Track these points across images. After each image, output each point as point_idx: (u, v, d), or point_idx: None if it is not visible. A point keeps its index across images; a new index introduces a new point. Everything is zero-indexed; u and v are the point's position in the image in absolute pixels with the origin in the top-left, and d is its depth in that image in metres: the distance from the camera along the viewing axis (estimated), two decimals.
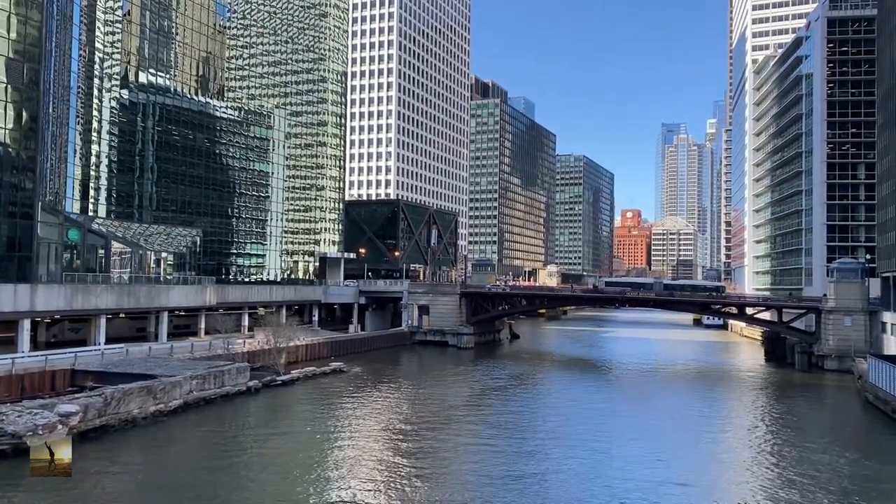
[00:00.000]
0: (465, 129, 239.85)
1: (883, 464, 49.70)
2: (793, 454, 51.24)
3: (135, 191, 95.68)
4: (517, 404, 71.66)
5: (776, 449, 53.34)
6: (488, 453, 49.77)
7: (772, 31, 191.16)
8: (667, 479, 44.24)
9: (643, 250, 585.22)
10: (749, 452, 52.14)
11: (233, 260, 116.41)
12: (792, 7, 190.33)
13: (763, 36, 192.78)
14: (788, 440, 56.41)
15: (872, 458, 50.73)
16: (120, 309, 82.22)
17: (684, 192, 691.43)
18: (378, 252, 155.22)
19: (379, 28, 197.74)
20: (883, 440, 57.42)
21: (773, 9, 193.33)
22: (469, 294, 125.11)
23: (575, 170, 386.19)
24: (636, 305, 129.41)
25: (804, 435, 58.85)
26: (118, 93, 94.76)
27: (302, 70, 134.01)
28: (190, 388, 60.78)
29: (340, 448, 51.12)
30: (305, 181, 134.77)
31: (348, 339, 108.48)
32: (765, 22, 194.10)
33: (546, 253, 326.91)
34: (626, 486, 42.67)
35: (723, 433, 60.00)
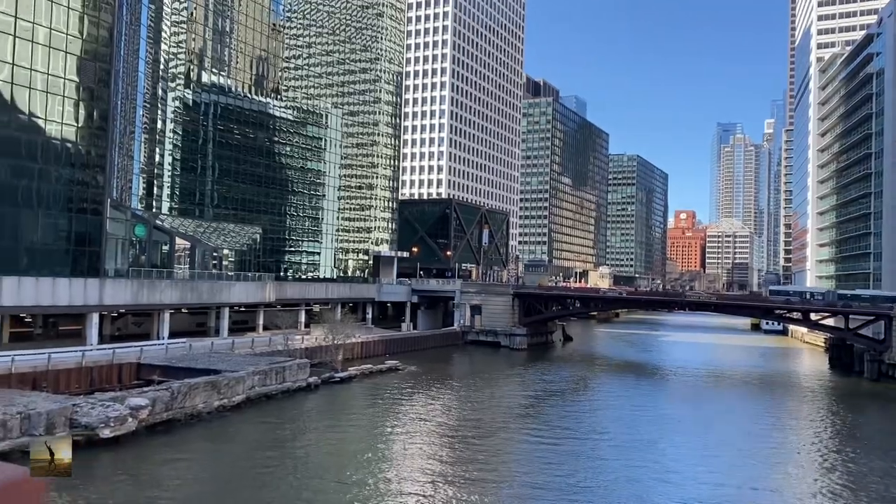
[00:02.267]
0: (516, 129, 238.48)
1: None
2: (868, 469, 49.21)
3: (197, 188, 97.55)
4: (573, 409, 70.68)
5: (848, 462, 51.31)
6: (543, 460, 48.81)
7: (838, 28, 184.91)
8: (729, 493, 42.94)
9: (697, 253, 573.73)
10: (822, 463, 50.31)
11: (289, 257, 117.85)
12: (860, 3, 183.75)
13: (829, 33, 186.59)
14: (861, 453, 54.24)
15: None
16: (183, 304, 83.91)
17: (740, 194, 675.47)
18: (430, 251, 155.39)
19: (433, 28, 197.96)
20: None
21: (840, 5, 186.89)
22: (522, 294, 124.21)
23: (628, 169, 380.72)
24: (695, 309, 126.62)
25: (879, 448, 56.54)
26: (182, 93, 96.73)
27: (358, 70, 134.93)
28: (252, 384, 61.55)
29: (396, 448, 51.03)
30: (359, 180, 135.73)
31: (402, 338, 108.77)
32: (831, 19, 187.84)
33: (596, 254, 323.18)
34: (685, 494, 41.56)
35: (791, 444, 58.07)
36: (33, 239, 66.35)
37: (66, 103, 68.55)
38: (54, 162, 67.68)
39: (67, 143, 68.98)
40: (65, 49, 68.39)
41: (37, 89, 65.99)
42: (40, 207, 66.24)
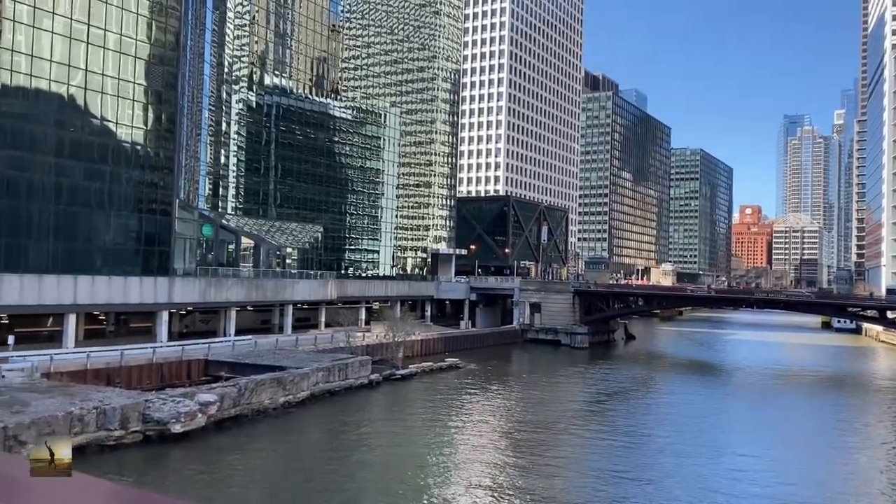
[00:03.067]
0: (575, 124, 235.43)
1: None
2: None
3: (260, 188, 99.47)
4: (639, 409, 69.22)
5: None
6: (609, 462, 47.64)
7: None
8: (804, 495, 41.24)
9: (763, 249, 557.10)
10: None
11: (349, 255, 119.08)
12: None
13: None
14: None
15: None
16: (248, 302, 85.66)
17: (808, 187, 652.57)
18: (488, 249, 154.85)
19: (491, 24, 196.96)
20: None
21: None
22: (583, 292, 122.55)
23: (691, 164, 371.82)
24: (765, 307, 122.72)
25: None
26: (245, 94, 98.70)
27: (415, 68, 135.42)
28: (316, 380, 62.24)
29: (457, 447, 50.67)
30: (417, 178, 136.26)
31: (461, 336, 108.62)
32: None
33: (657, 251, 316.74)
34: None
35: (874, 450, 55.53)
36: (106, 239, 68.64)
37: (135, 107, 70.70)
38: (125, 164, 69.88)
39: (137, 146, 71.14)
40: (134, 54, 70.52)
41: (108, 94, 68.21)
42: (112, 209, 68.48)
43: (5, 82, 61.40)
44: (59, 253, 64.09)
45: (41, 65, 63.58)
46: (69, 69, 65.49)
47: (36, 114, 63.31)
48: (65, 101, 65.90)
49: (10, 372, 51.56)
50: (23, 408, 41.74)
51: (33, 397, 44.62)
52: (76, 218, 65.80)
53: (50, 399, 44.32)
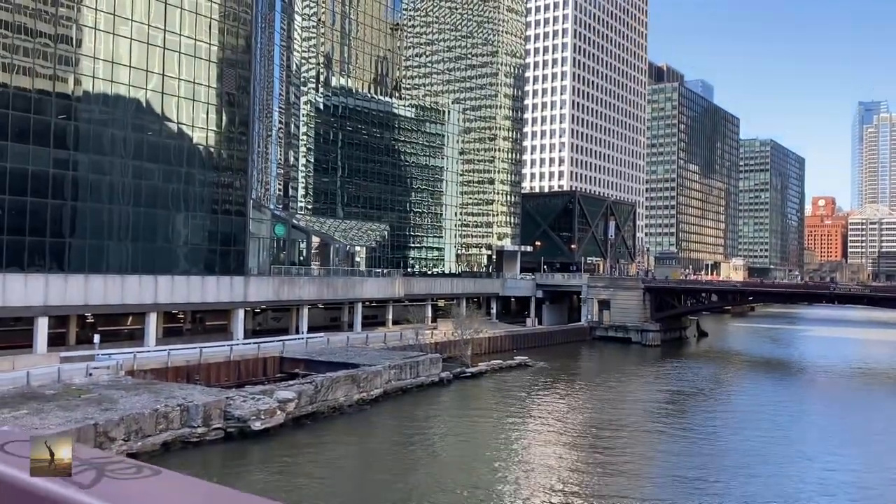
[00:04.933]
0: (641, 116, 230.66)
1: None
2: None
3: (328, 188, 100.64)
4: (715, 410, 67.00)
5: None
6: (686, 468, 45.88)
7: None
8: None
9: (838, 241, 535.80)
10: None
11: (414, 253, 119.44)
12: None
13: None
14: None
15: None
16: (320, 300, 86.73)
17: (886, 177, 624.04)
18: (553, 245, 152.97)
19: (553, 17, 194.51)
20: None
21: None
22: (653, 289, 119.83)
23: (761, 155, 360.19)
24: (846, 303, 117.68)
25: None
26: (312, 96, 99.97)
27: (478, 64, 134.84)
28: (389, 378, 62.46)
29: (529, 447, 49.75)
30: (480, 175, 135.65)
31: (529, 333, 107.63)
32: None
33: (726, 245, 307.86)
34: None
35: None
36: (183, 240, 70.37)
37: (209, 110, 72.26)
38: (200, 166, 71.51)
39: (211, 148, 72.70)
40: (207, 58, 72.05)
41: (183, 97, 69.86)
42: (189, 210, 70.14)
43: (87, 88, 63.43)
44: (139, 253, 65.99)
45: (119, 70, 65.50)
46: (146, 74, 67.30)
47: (115, 118, 65.24)
48: (142, 106, 67.71)
49: (97, 370, 53.32)
50: (111, 405, 43.02)
51: (120, 395, 45.96)
52: (155, 219, 67.62)
53: (136, 396, 45.57)
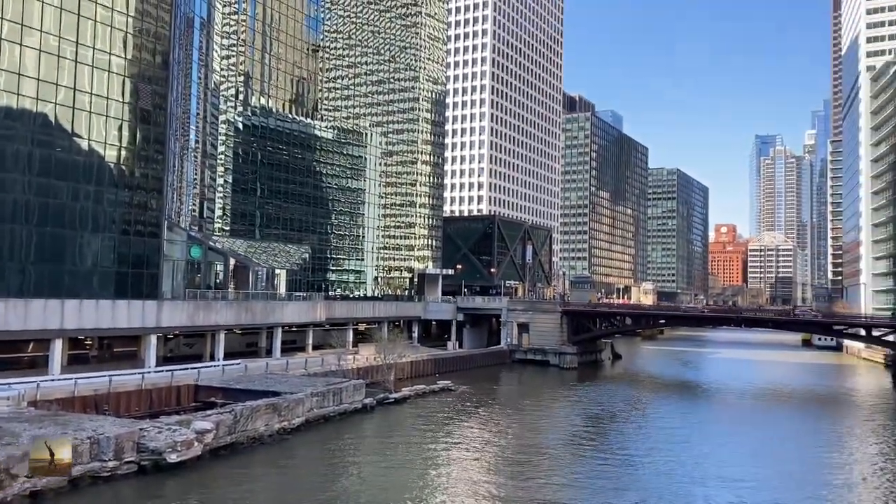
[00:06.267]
0: (556, 144, 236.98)
1: None
2: None
3: (247, 209, 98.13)
4: (632, 433, 68.10)
5: None
6: (601, 494, 46.61)
7: (888, 36, 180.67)
8: None
9: (739, 267, 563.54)
10: None
11: (336, 276, 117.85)
12: None
13: (878, 41, 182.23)
14: None
15: None
16: (238, 325, 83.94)
17: (782, 207, 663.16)
18: (474, 268, 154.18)
19: (472, 45, 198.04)
20: None
21: (889, 12, 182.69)
22: (570, 312, 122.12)
23: (668, 183, 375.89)
24: (753, 326, 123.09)
25: None
26: (232, 115, 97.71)
27: (399, 88, 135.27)
28: (311, 406, 60.81)
29: (452, 474, 48.98)
30: (402, 198, 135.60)
31: (451, 357, 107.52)
32: (880, 27, 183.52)
33: (635, 269, 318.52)
34: None
35: (883, 472, 55.29)
36: (93, 262, 66.79)
37: (123, 127, 69.30)
38: (112, 185, 68.31)
39: (124, 166, 69.62)
40: (121, 73, 69.22)
41: (94, 113, 66.80)
42: (99, 231, 66.76)
43: None
44: (44, 276, 62.22)
45: (24, 82, 62.05)
46: (55, 87, 64.00)
47: (18, 133, 61.58)
48: (48, 120, 64.27)
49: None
50: (13, 439, 39.93)
51: (23, 427, 42.79)
52: (62, 240, 63.99)
53: (41, 429, 42.49)
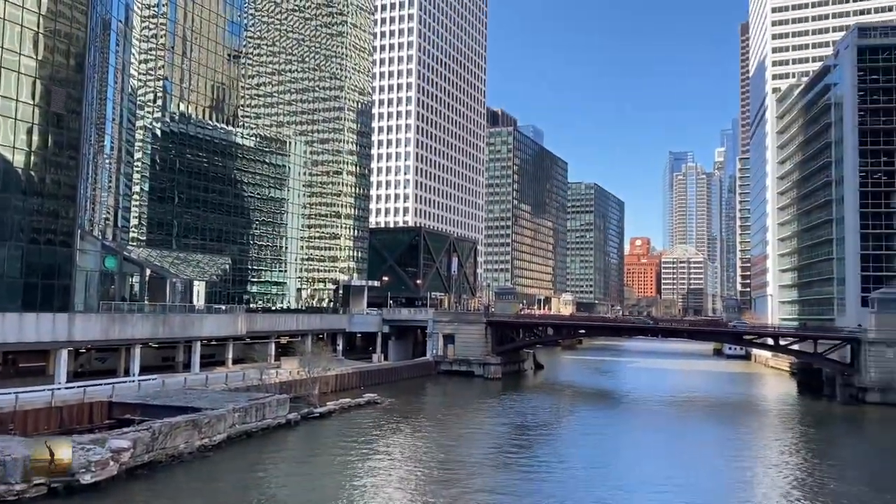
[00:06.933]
0: (480, 157, 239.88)
1: None
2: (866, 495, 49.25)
3: (165, 218, 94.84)
4: (555, 441, 69.37)
5: (839, 488, 51.28)
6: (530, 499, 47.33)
7: (792, 60, 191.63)
8: None
9: (653, 279, 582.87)
10: (803, 488, 50.17)
11: (257, 288, 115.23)
12: (812, 36, 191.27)
13: (783, 65, 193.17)
14: (849, 477, 54.41)
15: None
16: (155, 338, 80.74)
17: (693, 221, 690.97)
18: (400, 280, 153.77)
19: (398, 57, 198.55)
20: None
21: (794, 38, 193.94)
22: (495, 323, 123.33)
23: (586, 197, 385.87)
24: (669, 336, 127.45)
25: (866, 471, 56.85)
26: (150, 120, 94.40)
27: (324, 98, 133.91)
28: (233, 422, 59.10)
29: (377, 490, 48.23)
30: (327, 208, 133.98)
31: (376, 370, 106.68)
32: (785, 51, 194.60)
33: (555, 281, 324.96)
34: None
35: (789, 473, 57.92)
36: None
37: (33, 131, 65.86)
38: (19, 191, 64.75)
39: (33, 172, 66.12)
40: (33, 75, 65.91)
41: (1, 115, 63.18)
42: (5, 239, 63.09)
43: None
44: None
45: None
46: None
47: None
48: None
49: None
50: None
51: None
52: None
53: None
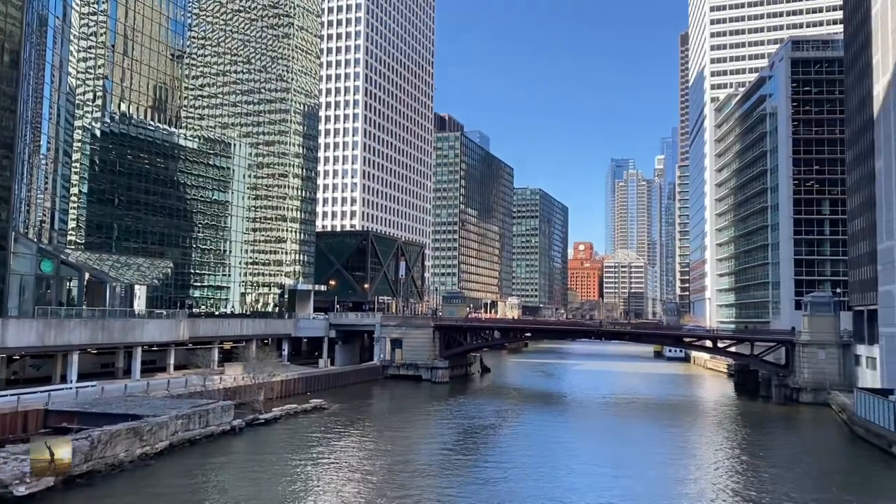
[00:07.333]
0: (428, 161, 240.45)
1: (891, 500, 49.97)
2: (793, 492, 51.11)
3: (104, 221, 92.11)
4: (502, 445, 69.65)
5: (773, 487, 53.12)
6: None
7: (729, 71, 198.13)
8: None
9: (595, 282, 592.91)
10: (737, 486, 51.85)
11: (200, 292, 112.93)
12: (749, 48, 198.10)
13: (721, 75, 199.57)
14: (783, 476, 56.38)
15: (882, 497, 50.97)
16: (93, 344, 78.26)
17: (634, 226, 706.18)
18: (347, 284, 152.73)
19: (345, 60, 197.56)
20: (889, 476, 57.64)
21: (731, 49, 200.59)
22: (443, 327, 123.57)
23: (531, 203, 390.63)
24: (612, 338, 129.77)
25: (799, 470, 58.98)
26: (89, 120, 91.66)
27: (270, 100, 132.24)
28: (175, 429, 57.80)
29: (323, 496, 47.99)
30: (273, 211, 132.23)
31: (323, 375, 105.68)
32: (723, 62, 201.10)
33: (501, 285, 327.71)
34: None
35: (727, 471, 59.63)
36: None
37: None
38: None
39: None
40: None
41: None
42: None
43: None
44: None
45: None
46: None
47: None
48: None
49: None
50: None
51: None
52: None
53: None
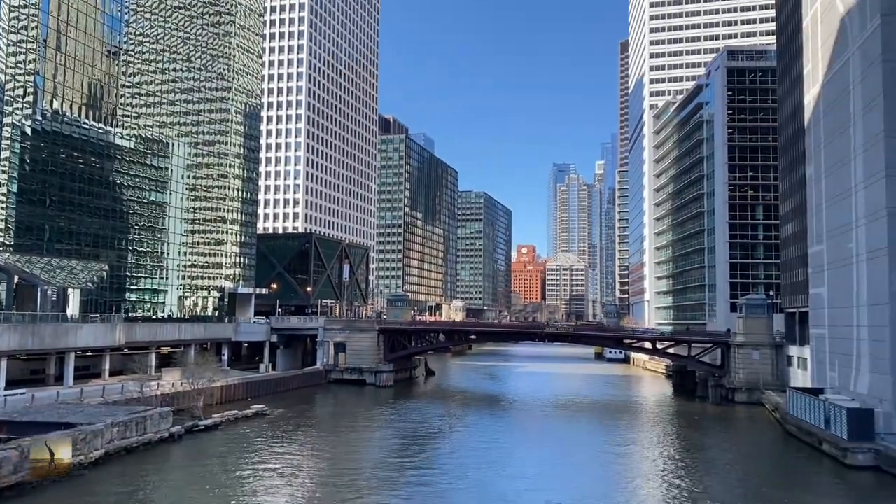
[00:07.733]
0: (372, 163, 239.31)
1: (819, 495, 51.88)
2: (729, 488, 52.58)
3: (35, 221, 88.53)
4: (447, 450, 69.77)
5: (708, 484, 54.58)
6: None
7: (668, 79, 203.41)
8: None
9: (538, 285, 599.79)
10: (677, 483, 53.13)
11: (136, 296, 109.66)
12: (687, 56, 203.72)
13: (660, 82, 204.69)
14: (718, 473, 57.96)
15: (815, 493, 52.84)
16: (23, 350, 75.09)
17: (575, 230, 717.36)
18: (289, 287, 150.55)
19: (288, 60, 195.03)
20: (819, 472, 59.86)
21: (670, 57, 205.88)
22: (387, 330, 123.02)
23: (475, 206, 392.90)
24: (555, 340, 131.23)
25: (733, 468, 60.71)
26: (18, 117, 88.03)
27: (211, 98, 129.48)
28: (111, 437, 55.86)
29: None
30: (212, 213, 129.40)
31: (264, 380, 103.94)
32: (662, 69, 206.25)
33: (445, 287, 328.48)
34: None
35: (665, 470, 60.91)
36: None
37: None
38: None
39: None
40: None
41: None
42: None
43: None
44: None
45: None
46: None
47: None
48: None
49: None
50: None
51: None
52: None
53: None
